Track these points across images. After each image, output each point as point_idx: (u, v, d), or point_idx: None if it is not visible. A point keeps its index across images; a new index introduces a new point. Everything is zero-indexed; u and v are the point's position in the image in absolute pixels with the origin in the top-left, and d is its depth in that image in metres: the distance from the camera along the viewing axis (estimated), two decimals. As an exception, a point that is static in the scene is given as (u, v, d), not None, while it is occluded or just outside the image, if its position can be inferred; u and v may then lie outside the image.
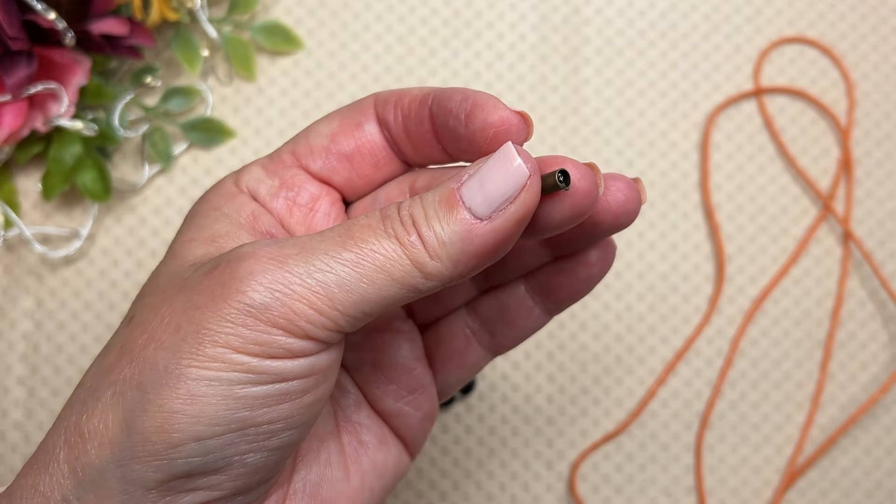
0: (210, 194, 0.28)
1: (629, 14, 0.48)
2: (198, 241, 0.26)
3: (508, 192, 0.23)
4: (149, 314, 0.24)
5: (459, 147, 0.27)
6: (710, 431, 0.46)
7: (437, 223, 0.23)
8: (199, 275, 0.24)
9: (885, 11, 0.49)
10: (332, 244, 0.23)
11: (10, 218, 0.43)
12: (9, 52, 0.41)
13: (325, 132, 0.28)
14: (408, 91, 0.28)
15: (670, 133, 0.47)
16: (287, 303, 0.22)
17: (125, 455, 0.23)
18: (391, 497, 0.44)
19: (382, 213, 0.24)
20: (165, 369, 0.22)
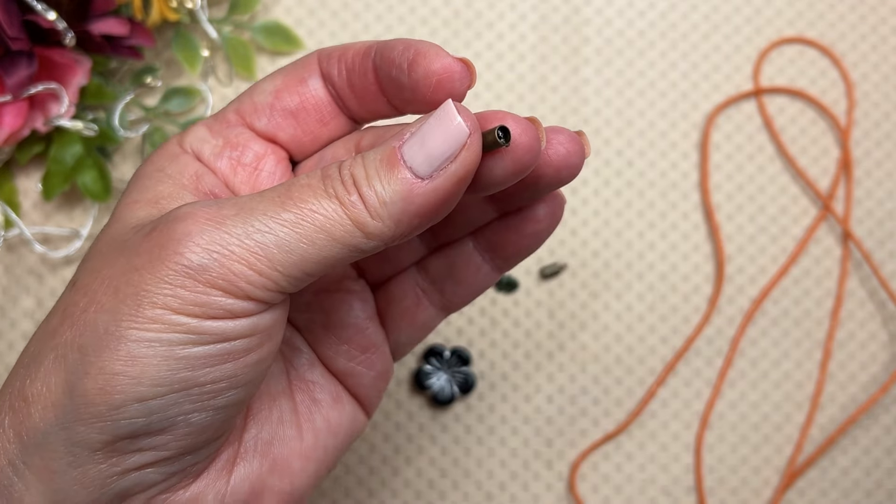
0: (154, 156, 0.28)
1: (629, 14, 0.48)
2: (140, 203, 0.26)
3: (449, 151, 0.23)
4: (89, 277, 0.24)
5: (403, 98, 0.26)
6: (709, 431, 0.46)
7: (378, 182, 0.23)
8: (138, 237, 0.24)
9: (884, 11, 0.49)
10: (271, 204, 0.23)
11: (10, 218, 0.43)
12: (9, 53, 0.41)
13: (269, 89, 0.28)
14: (351, 45, 0.28)
15: (670, 133, 0.47)
16: (225, 264, 0.22)
17: (69, 417, 0.23)
18: (390, 497, 0.44)
19: (323, 173, 0.24)
20: (105, 331, 0.22)
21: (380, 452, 0.44)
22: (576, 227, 0.46)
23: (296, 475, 0.28)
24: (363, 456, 0.44)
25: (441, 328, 0.45)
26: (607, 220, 0.46)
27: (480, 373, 0.45)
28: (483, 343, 0.45)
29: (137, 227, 0.25)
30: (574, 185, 0.46)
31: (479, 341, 0.45)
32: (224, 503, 0.26)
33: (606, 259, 0.46)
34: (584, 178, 0.46)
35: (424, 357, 0.44)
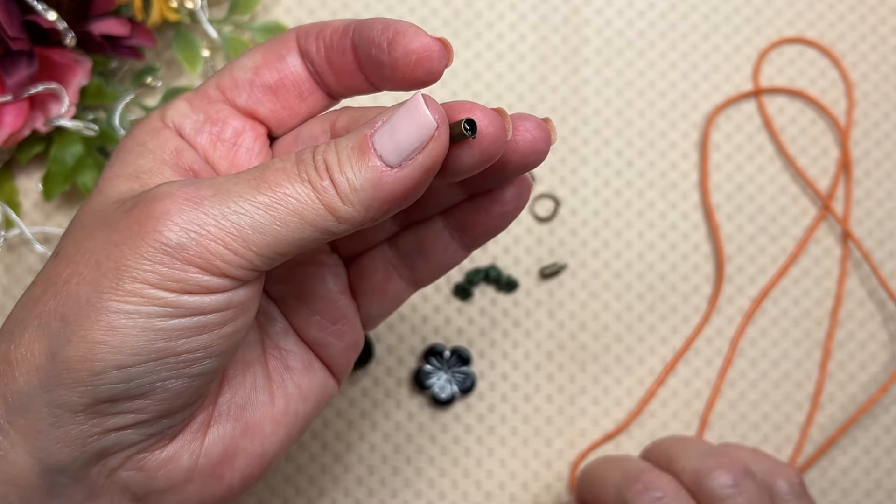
0: (136, 129, 0.29)
1: (629, 14, 0.48)
2: (122, 178, 0.27)
3: (417, 142, 0.24)
4: (72, 249, 0.25)
5: (382, 76, 0.28)
6: (709, 431, 0.46)
7: (350, 169, 0.24)
8: (119, 212, 0.25)
9: (884, 12, 0.49)
10: (246, 187, 0.24)
11: (10, 218, 0.43)
12: (9, 53, 0.41)
13: (249, 65, 0.29)
14: (329, 23, 0.29)
15: (670, 133, 0.47)
16: (202, 243, 0.24)
17: (51, 382, 0.24)
18: (390, 496, 0.44)
19: (297, 157, 0.25)
20: (87, 302, 0.24)
21: (379, 452, 0.44)
22: (576, 227, 0.46)
23: (267, 438, 0.29)
24: (363, 455, 0.44)
25: (441, 328, 0.45)
26: (607, 220, 0.46)
27: (480, 373, 0.45)
28: (483, 343, 0.45)
29: (119, 202, 0.26)
30: (574, 185, 0.46)
31: (479, 341, 0.45)
32: (198, 463, 0.28)
33: (606, 259, 0.46)
34: (583, 179, 0.47)
35: (424, 357, 0.44)
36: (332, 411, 0.44)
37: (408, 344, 0.45)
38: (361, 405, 0.45)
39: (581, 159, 0.47)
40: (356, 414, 0.44)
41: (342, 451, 0.44)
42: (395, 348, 0.45)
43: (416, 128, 0.24)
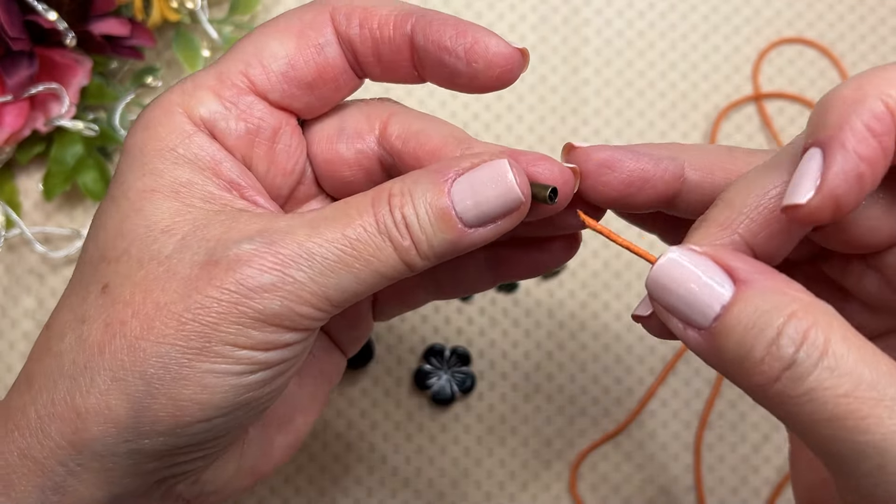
0: (160, 128, 0.27)
1: (628, 15, 0.48)
2: (160, 193, 0.26)
3: (500, 211, 0.25)
4: (132, 292, 0.25)
5: (452, 81, 0.27)
6: (709, 431, 0.46)
7: (430, 230, 0.25)
8: (193, 267, 0.24)
9: (883, 12, 0.49)
10: (331, 248, 0.24)
11: (11, 218, 0.44)
12: (10, 53, 0.41)
13: (281, 55, 0.27)
14: (373, 9, 0.27)
15: (669, 133, 0.47)
16: (294, 309, 0.24)
17: (132, 434, 0.24)
18: (390, 496, 0.44)
19: (376, 214, 0.25)
20: (176, 363, 0.24)
21: (379, 451, 0.44)
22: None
23: (298, 429, 0.31)
24: (362, 455, 0.44)
25: (441, 328, 0.45)
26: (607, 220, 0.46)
27: (480, 372, 0.45)
28: (483, 343, 0.45)
29: (180, 244, 0.25)
30: (573, 185, 0.46)
31: (479, 341, 0.45)
32: (240, 465, 0.29)
33: (606, 259, 0.46)
34: (583, 178, 0.47)
35: (424, 357, 0.44)
36: (332, 411, 0.44)
37: (408, 344, 0.45)
38: (361, 405, 0.45)
39: (581, 159, 0.47)
40: (356, 413, 0.44)
41: (342, 450, 0.44)
42: (395, 348, 0.45)
43: (501, 199, 0.25)
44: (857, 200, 0.22)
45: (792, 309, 0.21)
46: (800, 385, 0.21)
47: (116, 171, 0.27)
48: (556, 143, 0.47)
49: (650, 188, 0.28)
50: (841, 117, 0.22)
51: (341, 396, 0.44)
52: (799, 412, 0.21)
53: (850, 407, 0.20)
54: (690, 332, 0.23)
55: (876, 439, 0.20)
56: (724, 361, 0.22)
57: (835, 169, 0.22)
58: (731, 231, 0.25)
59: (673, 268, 0.23)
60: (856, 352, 0.21)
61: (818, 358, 0.21)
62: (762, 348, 0.21)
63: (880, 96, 0.22)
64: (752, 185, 0.25)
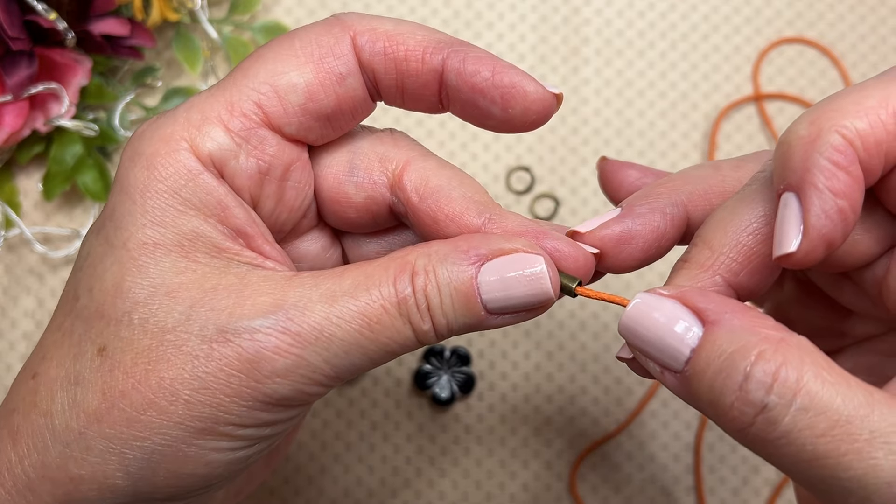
0: (163, 167, 0.24)
1: (629, 15, 0.48)
2: (164, 248, 0.24)
3: (528, 306, 0.24)
4: (133, 361, 0.23)
5: (483, 122, 0.26)
6: (710, 431, 0.46)
7: (453, 314, 0.24)
8: (202, 343, 0.23)
9: (883, 12, 0.49)
10: (349, 330, 0.23)
11: (10, 218, 0.43)
12: (10, 53, 0.41)
13: (301, 86, 0.25)
14: (399, 36, 0.25)
15: (670, 133, 0.47)
16: (305, 390, 0.24)
17: (129, 499, 0.24)
18: (390, 496, 0.44)
19: (398, 293, 0.24)
20: (179, 441, 0.23)
21: (379, 452, 0.44)
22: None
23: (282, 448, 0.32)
24: (362, 455, 0.44)
25: (441, 328, 0.45)
26: (607, 220, 0.46)
27: (480, 373, 0.45)
28: (483, 343, 0.45)
29: (188, 314, 0.23)
30: (574, 185, 0.46)
31: (479, 341, 0.45)
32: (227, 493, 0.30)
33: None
34: (583, 178, 0.47)
35: (424, 357, 0.44)
36: (332, 411, 0.44)
37: (408, 344, 0.45)
38: (361, 405, 0.44)
39: (581, 159, 0.47)
40: (356, 414, 0.44)
41: (342, 450, 0.44)
42: (395, 348, 0.45)
43: (533, 297, 0.24)
44: (844, 233, 0.22)
45: (760, 349, 0.21)
46: (775, 428, 0.20)
47: (114, 209, 0.24)
48: (557, 143, 0.47)
49: (666, 243, 0.27)
50: (804, 158, 0.22)
51: (341, 397, 0.44)
52: (779, 454, 0.21)
53: (828, 446, 0.20)
54: (667, 375, 0.23)
55: (858, 475, 0.20)
56: (700, 405, 0.22)
57: (815, 211, 0.22)
58: (712, 272, 0.24)
59: (641, 313, 0.23)
60: (830, 387, 0.20)
61: (791, 399, 0.20)
62: (731, 394, 0.21)
63: (836, 129, 0.22)
64: (729, 223, 0.25)
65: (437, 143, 0.47)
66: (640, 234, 0.27)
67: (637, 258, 0.27)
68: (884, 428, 0.20)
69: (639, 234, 0.27)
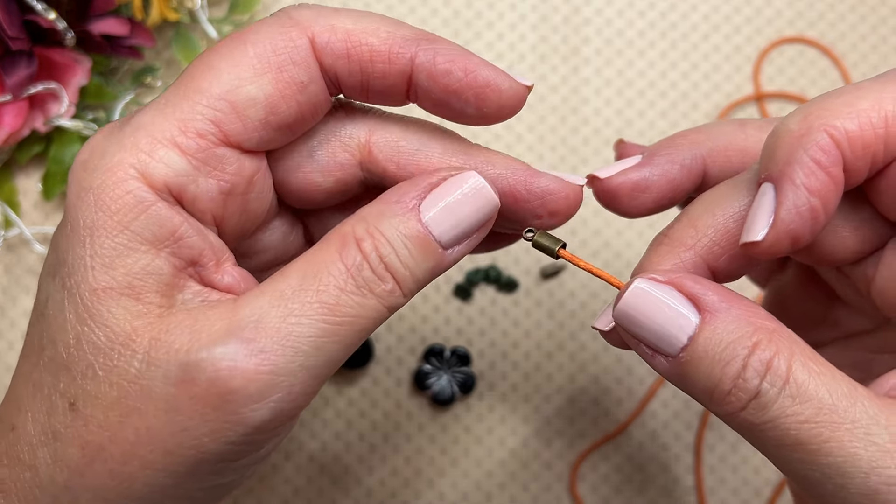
0: (111, 201, 0.22)
1: (629, 14, 0.48)
2: (114, 292, 0.23)
3: (478, 224, 0.24)
4: (105, 415, 0.23)
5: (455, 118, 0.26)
6: (710, 431, 0.45)
7: (413, 263, 0.23)
8: (168, 387, 0.22)
9: (884, 11, 0.49)
10: (312, 323, 0.22)
11: (10, 218, 0.43)
12: (9, 52, 0.41)
13: (260, 100, 0.23)
14: (361, 35, 0.24)
15: (670, 133, 0.47)
16: (285, 410, 0.23)
17: None
18: (389, 496, 0.44)
19: (348, 268, 0.23)
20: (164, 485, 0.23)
21: (379, 452, 0.44)
22: (576, 228, 0.46)
23: None
24: (362, 455, 0.44)
25: (441, 328, 0.45)
26: (608, 220, 0.46)
27: (480, 373, 0.45)
28: (483, 343, 0.45)
29: (148, 361, 0.22)
30: (574, 185, 0.46)
31: (479, 341, 0.45)
32: None
33: (606, 259, 0.46)
34: (583, 178, 0.46)
35: (424, 357, 0.44)
36: (331, 411, 0.44)
37: (408, 344, 0.45)
38: (361, 405, 0.44)
39: (581, 159, 0.47)
40: (355, 414, 0.44)
41: (341, 451, 0.44)
42: (395, 348, 0.45)
43: (481, 212, 0.24)
44: (812, 232, 0.23)
45: (756, 339, 0.22)
46: (764, 413, 0.21)
47: (66, 252, 0.23)
48: (557, 143, 0.47)
49: (680, 194, 0.28)
50: (789, 153, 0.23)
51: (340, 396, 0.44)
52: (765, 438, 0.22)
53: (811, 432, 0.21)
54: (658, 359, 0.23)
55: (838, 462, 0.21)
56: (693, 389, 0.23)
57: (787, 205, 0.22)
58: (694, 252, 0.25)
59: (639, 297, 0.23)
60: (816, 377, 0.21)
61: (781, 386, 0.21)
62: (729, 380, 0.22)
63: (825, 128, 0.22)
64: (718, 207, 0.25)
65: (437, 142, 0.47)
66: (656, 184, 0.27)
67: (648, 207, 0.28)
68: (864, 419, 0.21)
69: (654, 184, 0.27)
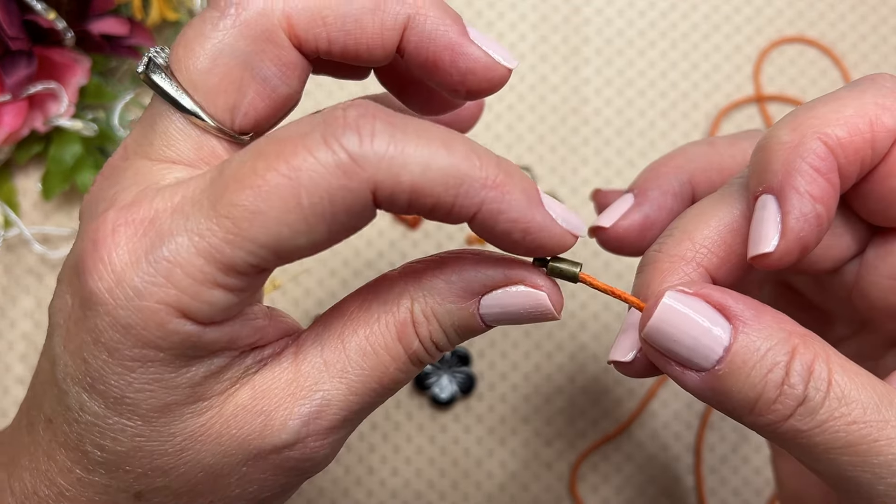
0: (153, 336, 0.21)
1: (629, 14, 0.48)
2: (176, 406, 0.23)
3: (527, 321, 0.24)
4: (176, 498, 0.23)
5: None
6: (710, 432, 0.45)
7: (457, 340, 0.24)
8: (241, 467, 0.23)
9: (885, 11, 0.49)
10: (366, 395, 0.24)
11: (9, 218, 0.43)
12: (9, 52, 0.41)
13: (307, 249, 0.21)
14: (425, 191, 0.20)
15: (670, 133, 0.47)
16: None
17: None
18: (390, 497, 0.44)
19: (409, 355, 0.24)
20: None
21: (379, 452, 0.44)
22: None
23: None
24: (362, 456, 0.44)
25: (441, 328, 0.45)
26: (607, 219, 0.46)
27: (480, 373, 0.45)
28: (483, 343, 0.45)
29: (216, 451, 0.23)
30: (574, 185, 0.46)
31: (479, 341, 0.45)
32: None
33: (606, 259, 0.46)
34: (584, 178, 0.46)
35: (424, 357, 0.44)
36: (332, 412, 0.44)
37: (407, 344, 0.45)
38: (361, 405, 0.44)
39: (581, 159, 0.47)
40: (356, 414, 0.44)
41: (342, 451, 0.44)
42: (395, 348, 0.45)
43: (530, 315, 0.24)
44: (818, 238, 0.23)
45: (793, 344, 0.22)
46: (812, 419, 0.21)
47: (94, 361, 0.22)
48: (557, 143, 0.47)
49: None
50: (787, 163, 0.23)
51: (341, 397, 0.44)
52: (811, 444, 0.22)
53: (861, 433, 0.21)
54: (689, 375, 0.23)
55: (889, 460, 0.21)
56: (731, 401, 0.22)
57: (794, 214, 0.23)
58: (695, 265, 0.25)
59: (671, 312, 0.23)
60: (854, 378, 0.22)
61: (826, 390, 0.21)
62: (774, 388, 0.22)
63: (818, 136, 0.23)
64: (711, 218, 0.25)
65: (437, 142, 0.47)
66: (659, 218, 0.28)
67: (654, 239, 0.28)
68: None
69: (658, 220, 0.28)
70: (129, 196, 0.22)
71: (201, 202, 0.21)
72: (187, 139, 0.23)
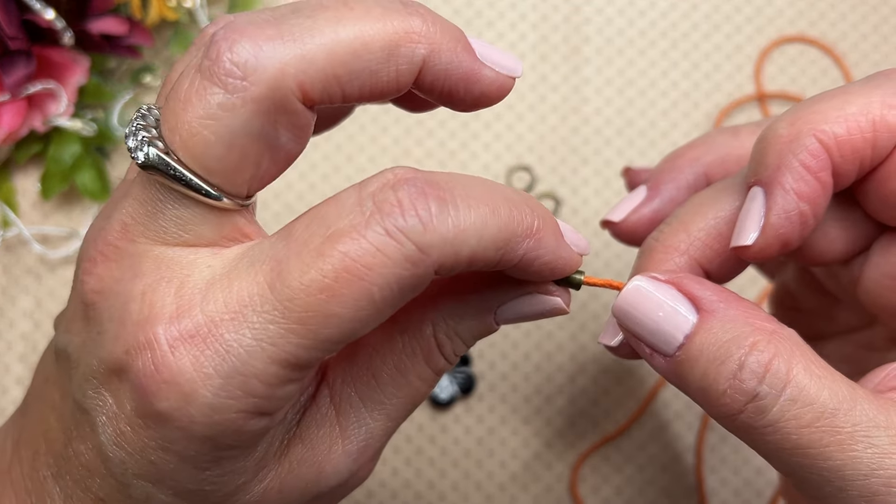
0: (208, 425, 0.21)
1: (630, 13, 0.48)
2: (247, 486, 0.23)
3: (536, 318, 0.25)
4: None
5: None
6: (711, 432, 0.45)
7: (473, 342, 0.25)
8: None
9: (886, 10, 0.49)
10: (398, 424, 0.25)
11: (8, 218, 0.43)
12: (8, 52, 0.41)
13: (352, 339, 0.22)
14: (477, 260, 0.21)
15: (671, 132, 0.47)
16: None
17: None
18: (390, 497, 0.44)
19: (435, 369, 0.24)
20: None
21: (379, 453, 0.44)
22: (576, 227, 0.46)
23: None
24: (362, 457, 0.44)
25: (441, 328, 0.45)
26: (608, 219, 0.46)
27: (480, 373, 0.45)
28: (483, 343, 0.45)
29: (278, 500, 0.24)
30: (574, 185, 0.46)
31: (479, 342, 0.45)
32: None
33: (607, 259, 0.46)
34: (584, 178, 0.46)
35: (424, 357, 0.44)
36: (332, 412, 0.44)
37: (407, 344, 0.45)
38: (361, 406, 0.44)
39: (582, 159, 0.47)
40: (355, 415, 0.44)
41: (341, 452, 0.44)
42: (395, 349, 0.45)
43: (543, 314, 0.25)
44: (801, 237, 0.23)
45: (754, 339, 0.21)
46: (763, 417, 0.21)
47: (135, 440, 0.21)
48: (557, 143, 0.46)
49: None
50: (779, 157, 0.23)
51: (341, 397, 0.44)
52: (763, 441, 0.22)
53: (812, 437, 0.21)
54: (657, 358, 0.23)
55: (837, 465, 0.21)
56: (689, 389, 0.23)
57: (776, 210, 0.23)
58: (688, 256, 0.25)
59: (638, 296, 0.23)
60: (817, 380, 0.21)
61: (781, 389, 0.21)
62: (724, 381, 0.21)
63: (814, 133, 0.23)
64: (709, 210, 0.25)
65: (438, 142, 0.46)
66: (669, 212, 0.28)
67: None
68: (865, 422, 0.21)
69: (668, 214, 0.27)
70: (167, 301, 0.20)
71: (264, 308, 0.20)
72: (205, 222, 0.21)
